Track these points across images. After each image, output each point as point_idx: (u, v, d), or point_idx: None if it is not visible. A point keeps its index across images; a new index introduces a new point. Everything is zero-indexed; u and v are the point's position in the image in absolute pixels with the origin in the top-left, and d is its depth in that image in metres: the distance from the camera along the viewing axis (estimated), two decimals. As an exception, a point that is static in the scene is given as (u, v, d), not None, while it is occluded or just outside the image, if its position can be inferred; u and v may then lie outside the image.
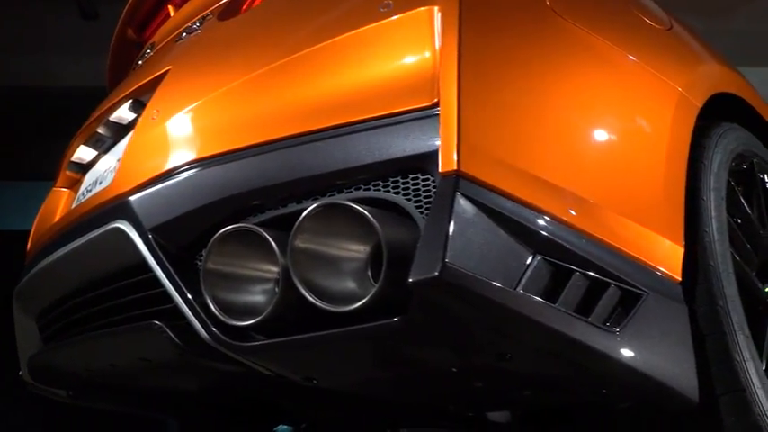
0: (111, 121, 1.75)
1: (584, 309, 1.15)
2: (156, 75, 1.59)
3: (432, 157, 1.10)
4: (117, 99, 1.73)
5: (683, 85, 1.51)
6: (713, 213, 1.44)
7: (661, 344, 1.22)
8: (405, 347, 1.16)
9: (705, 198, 1.46)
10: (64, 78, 5.19)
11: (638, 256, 1.23)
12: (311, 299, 1.13)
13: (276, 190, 1.25)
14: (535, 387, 1.31)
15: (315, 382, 1.29)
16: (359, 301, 1.09)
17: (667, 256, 1.29)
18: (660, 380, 1.21)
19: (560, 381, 1.26)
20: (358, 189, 1.19)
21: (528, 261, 1.10)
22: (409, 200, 1.14)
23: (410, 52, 1.18)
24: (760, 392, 1.35)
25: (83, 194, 1.78)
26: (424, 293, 1.03)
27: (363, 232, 1.11)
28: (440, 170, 1.07)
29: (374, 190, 1.18)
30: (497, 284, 1.04)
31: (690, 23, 1.94)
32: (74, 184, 2.00)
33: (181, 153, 1.37)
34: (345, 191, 1.21)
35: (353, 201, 1.18)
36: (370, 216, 1.09)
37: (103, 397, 2.21)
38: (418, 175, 1.14)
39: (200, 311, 1.27)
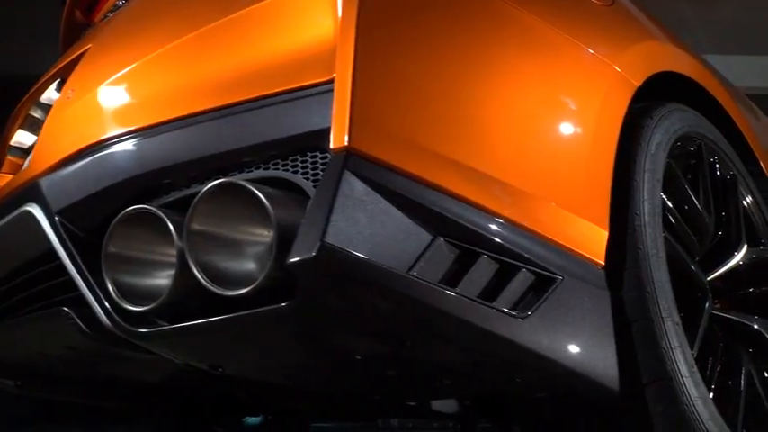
0: (42, 102, 1.70)
1: (491, 293, 1.10)
2: (77, 54, 1.54)
3: (328, 133, 1.05)
4: (45, 79, 1.69)
5: (621, 64, 1.46)
6: (645, 196, 1.39)
7: (576, 330, 1.17)
8: (298, 333, 1.11)
9: (638, 180, 1.40)
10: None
11: (553, 238, 1.18)
12: (204, 282, 1.08)
13: (178, 170, 1.21)
14: (451, 375, 1.26)
15: (221, 370, 1.24)
16: (250, 285, 1.04)
17: (589, 240, 1.24)
18: (573, 368, 1.16)
19: (470, 368, 1.21)
20: (258, 168, 1.15)
21: (427, 243, 1.05)
22: (308, 179, 1.09)
23: (310, 27, 1.13)
24: (688, 381, 1.30)
25: (15, 179, 1.74)
26: (304, 276, 0.98)
27: (261, 214, 1.06)
28: (331, 147, 1.02)
29: (274, 169, 1.13)
30: (385, 267, 0.99)
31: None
32: (17, 169, 1.96)
33: (89, 133, 1.32)
34: (247, 170, 1.16)
35: (252, 180, 1.13)
36: (261, 196, 1.04)
37: (55, 388, 2.17)
38: (317, 153, 1.09)
39: (101, 297, 1.22)
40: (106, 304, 1.21)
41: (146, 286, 1.20)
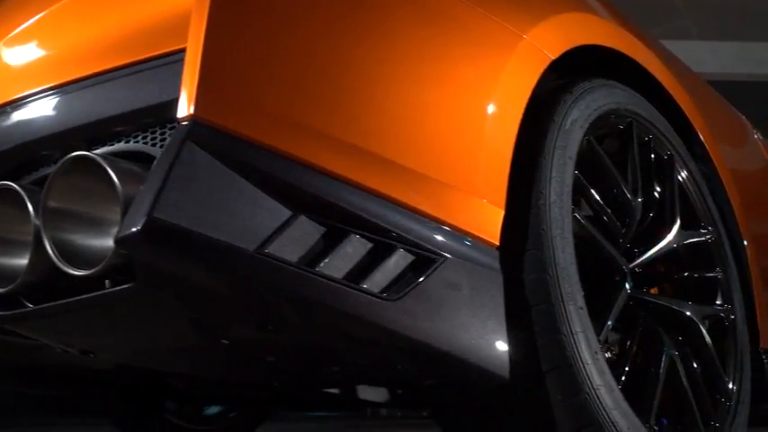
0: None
1: (360, 274, 1.03)
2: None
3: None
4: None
5: (533, 35, 1.38)
6: (553, 174, 1.31)
7: (460, 314, 1.10)
8: (148, 316, 1.04)
9: (546, 157, 1.33)
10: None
11: (438, 216, 1.11)
12: (57, 261, 1.02)
13: (44, 144, 1.14)
14: (335, 362, 1.20)
15: (92, 355, 1.18)
16: (99, 264, 0.98)
17: (482, 219, 1.17)
18: (455, 353, 1.09)
19: (345, 354, 1.14)
20: (120, 141, 1.08)
21: (285, 220, 0.98)
22: (163, 152, 1.02)
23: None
24: (590, 369, 1.23)
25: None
26: (133, 253, 0.91)
27: (110, 189, 1.00)
28: (177, 116, 0.95)
29: (134, 142, 1.06)
30: (226, 243, 0.92)
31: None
32: None
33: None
34: (109, 144, 1.09)
35: (112, 154, 1.07)
36: (109, 169, 0.97)
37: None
38: (175, 124, 1.02)
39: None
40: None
41: (8, 266, 1.14)
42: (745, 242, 1.92)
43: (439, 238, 1.10)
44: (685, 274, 1.75)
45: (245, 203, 0.95)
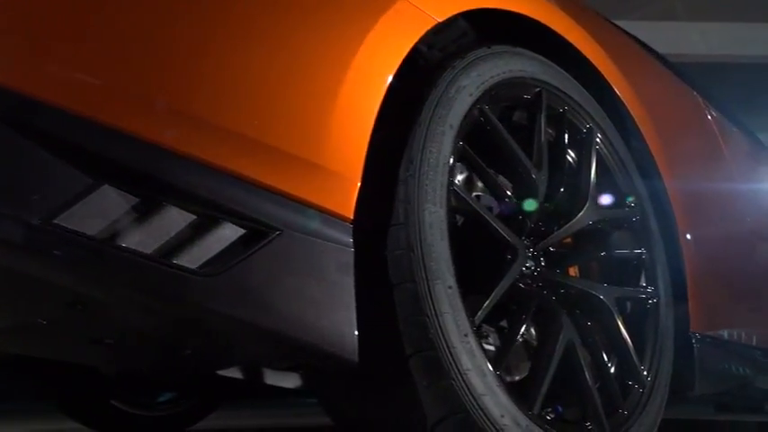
0: None
1: (177, 249, 0.95)
2: None
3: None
4: None
5: (414, -4, 1.28)
6: (427, 143, 1.22)
7: (297, 292, 1.02)
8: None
9: (422, 126, 1.24)
10: None
11: (276, 187, 1.02)
12: None
13: None
14: (181, 345, 1.12)
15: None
16: None
17: (332, 191, 1.08)
18: (293, 335, 1.00)
19: (166, 334, 1.06)
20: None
21: (84, 189, 0.90)
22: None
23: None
24: (458, 352, 1.14)
25: None
26: None
27: None
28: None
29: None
30: (6, 213, 0.84)
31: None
32: None
33: None
34: None
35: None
36: None
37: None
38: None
39: None
40: None
41: None
42: (679, 221, 1.82)
43: (274, 210, 1.01)
44: (602, 254, 1.66)
45: (34, 169, 0.87)
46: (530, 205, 1.45)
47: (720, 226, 2.07)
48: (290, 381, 1.74)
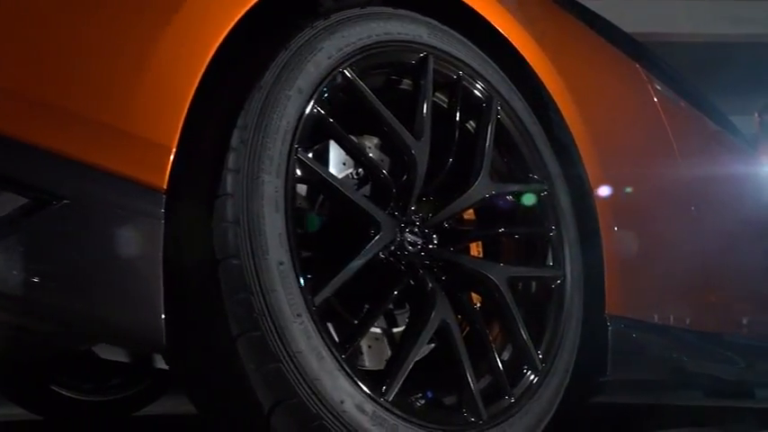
0: None
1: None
2: None
3: None
4: None
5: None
6: (264, 109, 1.13)
7: (89, 268, 0.93)
8: None
9: (262, 90, 1.15)
10: None
11: (66, 152, 0.93)
12: None
13: None
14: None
15: None
16: None
17: (140, 159, 0.99)
18: (81, 313, 0.92)
19: None
20: None
21: None
22: None
23: None
24: (289, 333, 1.05)
25: None
26: None
27: None
28: None
29: None
30: None
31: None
32: None
33: None
34: None
35: None
36: None
37: None
38: None
39: None
40: None
41: None
42: (598, 200, 1.71)
43: (62, 178, 0.93)
44: (501, 231, 1.56)
45: None
46: (410, 179, 1.35)
47: (651, 207, 1.96)
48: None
